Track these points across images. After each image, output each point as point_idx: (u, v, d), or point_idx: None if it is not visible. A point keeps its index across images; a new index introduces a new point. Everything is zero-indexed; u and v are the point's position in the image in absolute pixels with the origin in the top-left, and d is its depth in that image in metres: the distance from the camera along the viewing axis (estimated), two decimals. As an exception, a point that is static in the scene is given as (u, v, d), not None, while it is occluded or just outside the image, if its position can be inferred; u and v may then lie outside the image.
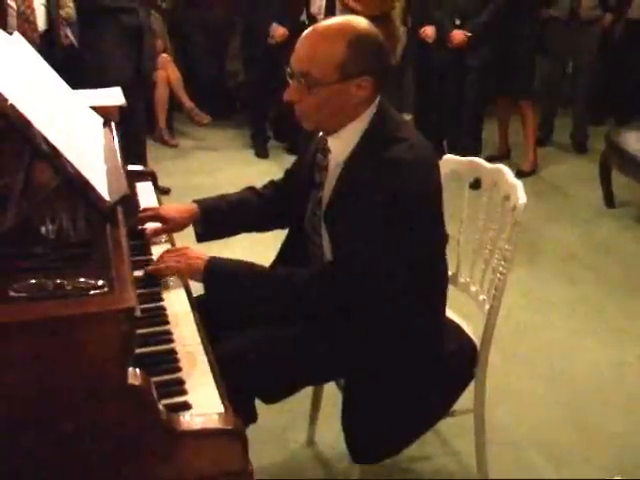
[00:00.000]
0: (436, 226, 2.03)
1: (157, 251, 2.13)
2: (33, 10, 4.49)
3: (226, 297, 2.01)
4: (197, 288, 2.03)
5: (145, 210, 2.30)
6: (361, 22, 1.91)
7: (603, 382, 3.18)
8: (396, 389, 2.03)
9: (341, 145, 1.99)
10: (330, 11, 5.99)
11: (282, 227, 2.34)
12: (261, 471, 1.53)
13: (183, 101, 6.91)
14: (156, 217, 2.25)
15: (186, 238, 2.30)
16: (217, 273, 1.97)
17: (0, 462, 1.35)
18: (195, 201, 2.29)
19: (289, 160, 6.04)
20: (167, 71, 6.73)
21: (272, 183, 2.38)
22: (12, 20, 4.32)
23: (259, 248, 2.44)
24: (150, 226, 2.26)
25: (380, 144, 1.91)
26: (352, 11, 5.38)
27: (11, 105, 1.55)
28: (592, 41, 6.02)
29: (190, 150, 6.64)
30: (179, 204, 2.34)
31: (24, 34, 2.59)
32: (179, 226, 2.26)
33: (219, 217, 2.28)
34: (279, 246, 2.29)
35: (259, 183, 2.41)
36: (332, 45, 1.85)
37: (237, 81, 7.39)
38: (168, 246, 2.21)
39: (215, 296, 2.01)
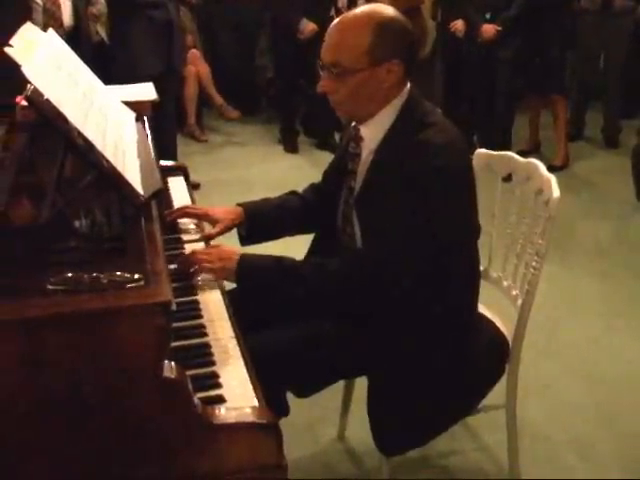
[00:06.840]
0: (468, 213, 2.02)
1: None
2: (59, 6, 4.50)
3: (259, 291, 2.01)
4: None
5: (194, 208, 2.30)
6: (387, 8, 1.94)
7: (635, 378, 3.14)
8: (424, 381, 2.02)
9: (373, 133, 2.01)
10: (353, 4, 5.98)
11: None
12: (291, 465, 1.52)
13: (213, 96, 6.94)
14: (204, 217, 2.26)
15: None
16: (249, 271, 1.97)
17: (37, 455, 1.36)
18: (240, 204, 2.28)
19: (318, 155, 6.07)
20: (197, 66, 6.76)
21: (312, 186, 2.38)
22: (37, 16, 4.32)
23: (286, 243, 2.42)
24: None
25: (410, 129, 1.93)
26: (382, 5, 5.37)
27: (47, 100, 1.57)
28: (624, 33, 5.95)
29: (219, 145, 6.67)
30: (225, 207, 2.31)
31: (50, 31, 2.59)
32: (226, 228, 2.25)
33: (264, 220, 2.27)
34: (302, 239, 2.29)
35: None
36: (359, 32, 1.88)
37: (266, 77, 7.40)
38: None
39: (248, 290, 2.02)
